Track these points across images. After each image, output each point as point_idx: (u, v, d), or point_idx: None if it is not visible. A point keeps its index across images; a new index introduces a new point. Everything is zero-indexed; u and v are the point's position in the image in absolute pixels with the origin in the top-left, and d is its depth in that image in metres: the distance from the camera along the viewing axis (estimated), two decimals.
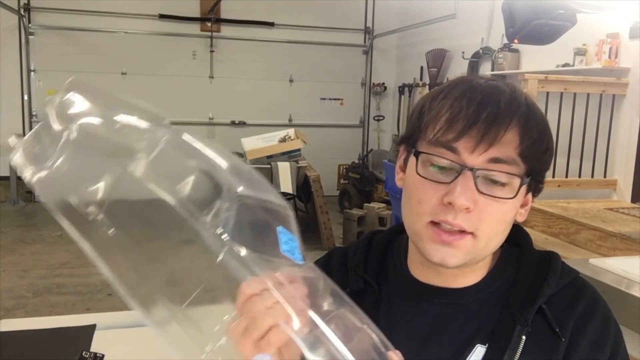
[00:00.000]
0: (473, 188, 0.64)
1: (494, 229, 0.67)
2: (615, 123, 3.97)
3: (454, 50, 6.29)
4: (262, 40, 7.50)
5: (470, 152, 0.65)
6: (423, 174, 0.67)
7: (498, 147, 0.64)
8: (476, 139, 0.64)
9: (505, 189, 0.66)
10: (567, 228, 3.11)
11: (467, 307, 0.73)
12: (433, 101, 0.69)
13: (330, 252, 0.87)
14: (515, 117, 0.65)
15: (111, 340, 1.28)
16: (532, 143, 0.65)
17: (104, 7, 6.86)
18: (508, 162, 0.65)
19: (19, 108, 6.94)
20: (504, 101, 0.65)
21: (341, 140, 7.90)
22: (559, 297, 0.71)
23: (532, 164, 0.66)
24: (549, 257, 0.75)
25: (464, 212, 0.64)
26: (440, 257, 0.67)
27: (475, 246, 0.67)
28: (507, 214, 0.67)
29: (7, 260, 4.63)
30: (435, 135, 0.66)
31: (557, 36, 2.34)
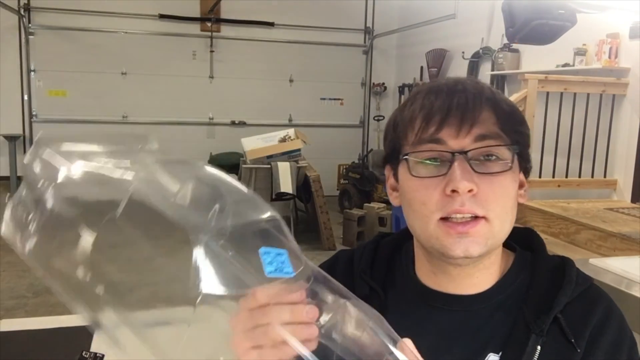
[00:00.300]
0: (470, 170, 0.65)
1: (503, 206, 0.67)
2: (615, 123, 3.97)
3: (454, 50, 6.29)
4: (262, 40, 7.50)
5: (455, 137, 0.66)
6: (418, 174, 0.68)
7: (479, 126, 0.66)
8: (457, 124, 0.66)
9: (499, 163, 0.67)
10: (567, 228, 3.11)
11: (478, 314, 0.71)
12: (403, 110, 0.72)
13: (336, 255, 0.85)
14: (483, 98, 0.67)
15: None
16: (507, 116, 0.67)
17: (104, 7, 6.86)
18: (493, 136, 0.66)
19: (19, 108, 6.94)
20: (469, 87, 0.68)
21: (341, 140, 7.90)
22: (574, 305, 0.69)
23: (515, 136, 0.68)
24: (564, 264, 0.73)
25: (469, 197, 0.64)
26: (462, 249, 0.65)
27: (492, 230, 0.66)
28: (509, 188, 0.67)
29: (7, 260, 4.63)
30: (417, 135, 0.68)
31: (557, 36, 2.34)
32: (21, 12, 6.70)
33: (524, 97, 3.65)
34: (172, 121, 7.30)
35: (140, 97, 7.15)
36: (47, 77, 6.93)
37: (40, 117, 6.99)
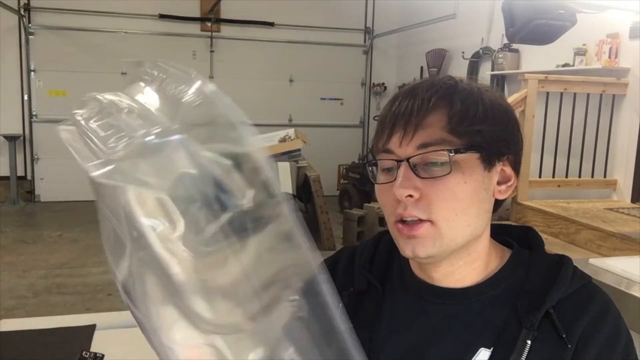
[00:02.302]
0: (412, 176, 0.66)
1: (449, 209, 0.67)
2: (615, 123, 3.97)
3: (454, 50, 6.29)
4: (262, 40, 7.50)
5: (399, 146, 0.68)
6: (377, 180, 0.72)
7: (422, 133, 0.67)
8: (401, 133, 0.68)
9: (443, 167, 0.67)
10: (567, 228, 3.11)
11: (470, 308, 0.72)
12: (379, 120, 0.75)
13: (340, 251, 0.88)
14: (432, 100, 0.67)
15: (111, 340, 1.28)
16: (461, 117, 0.67)
17: (104, 7, 6.86)
18: (435, 143, 0.66)
19: (19, 108, 6.94)
20: (422, 90, 0.69)
21: (341, 140, 7.90)
22: (568, 302, 0.69)
23: (471, 137, 0.67)
24: (561, 261, 0.74)
25: (412, 202, 0.67)
26: (410, 250, 0.68)
27: (439, 232, 0.67)
28: (458, 191, 0.67)
29: (7, 260, 4.63)
30: (375, 145, 0.72)
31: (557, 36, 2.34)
32: (21, 12, 6.70)
33: (524, 97, 3.65)
34: None
35: None
36: (47, 77, 6.93)
37: (40, 117, 6.99)
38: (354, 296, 0.78)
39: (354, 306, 0.77)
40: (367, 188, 6.42)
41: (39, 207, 6.87)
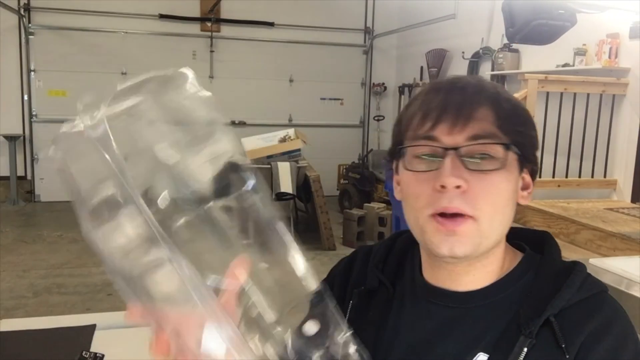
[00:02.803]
0: (460, 166, 0.65)
1: (493, 205, 0.66)
2: (615, 123, 3.97)
3: (454, 50, 6.29)
4: (262, 40, 7.50)
5: (449, 134, 0.66)
6: (412, 168, 0.69)
7: (474, 125, 0.66)
8: (451, 121, 0.66)
9: (493, 162, 0.66)
10: (567, 228, 3.11)
11: (474, 311, 0.71)
12: (408, 107, 0.73)
13: (357, 250, 0.88)
14: (483, 95, 0.67)
15: (111, 340, 1.28)
16: (507, 116, 0.67)
17: (104, 7, 6.86)
18: (488, 136, 0.66)
19: (19, 108, 6.94)
20: (470, 85, 0.69)
21: (341, 140, 7.90)
22: (573, 311, 0.66)
23: (513, 136, 0.67)
24: (572, 268, 0.70)
25: (458, 194, 0.64)
26: (448, 248, 0.66)
27: (479, 229, 0.66)
28: (502, 188, 0.67)
29: (7, 260, 4.63)
30: (414, 131, 0.69)
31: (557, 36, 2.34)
32: (21, 12, 6.70)
33: (524, 97, 3.65)
34: None
35: None
36: (47, 77, 6.93)
37: (40, 117, 6.99)
38: (365, 295, 0.78)
39: (364, 305, 0.78)
40: (367, 188, 6.42)
41: (39, 207, 6.87)
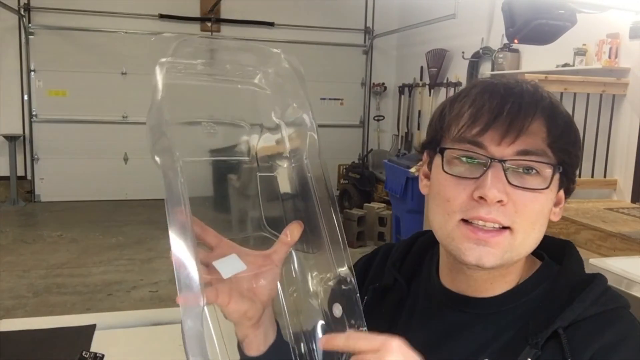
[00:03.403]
0: (504, 180, 0.62)
1: (532, 222, 0.64)
2: (615, 123, 3.97)
3: (454, 50, 6.29)
4: (262, 40, 7.50)
5: (497, 144, 0.63)
6: (450, 171, 0.65)
7: (525, 139, 0.62)
8: (502, 131, 0.62)
9: (537, 180, 0.63)
10: (567, 228, 3.11)
11: (487, 318, 0.70)
12: (454, 102, 0.68)
13: (379, 248, 0.88)
14: (539, 108, 0.63)
15: (111, 340, 1.28)
16: (560, 134, 0.64)
17: (104, 7, 6.86)
18: (537, 153, 0.63)
19: (19, 108, 6.94)
20: (527, 93, 0.64)
21: (341, 140, 7.89)
22: (584, 325, 0.63)
23: (562, 156, 0.64)
24: (589, 281, 0.67)
25: (497, 206, 0.62)
26: (476, 257, 0.64)
27: (513, 242, 0.64)
28: (544, 207, 0.65)
29: (7, 260, 4.63)
30: (460, 132, 0.65)
31: (557, 36, 2.33)
32: (21, 12, 6.70)
33: None
34: None
35: (140, 97, 7.10)
36: (47, 77, 6.93)
37: (40, 117, 6.99)
38: (379, 291, 0.79)
39: (377, 301, 0.78)
40: (367, 188, 6.42)
41: (39, 207, 6.87)
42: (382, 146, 7.90)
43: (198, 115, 0.64)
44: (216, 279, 0.56)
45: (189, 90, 0.62)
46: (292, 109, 0.64)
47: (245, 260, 0.59)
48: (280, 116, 0.65)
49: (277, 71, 0.65)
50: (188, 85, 0.61)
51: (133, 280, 4.30)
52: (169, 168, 0.51)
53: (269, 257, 0.62)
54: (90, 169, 7.01)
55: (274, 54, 0.65)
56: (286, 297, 0.64)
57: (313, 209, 0.61)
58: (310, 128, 0.65)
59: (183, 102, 0.61)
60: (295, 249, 0.63)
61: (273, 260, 0.61)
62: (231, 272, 0.57)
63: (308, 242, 0.63)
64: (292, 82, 0.63)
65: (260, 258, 0.61)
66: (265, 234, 0.66)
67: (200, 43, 0.61)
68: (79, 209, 6.71)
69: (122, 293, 4.06)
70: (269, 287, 0.61)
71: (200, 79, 0.63)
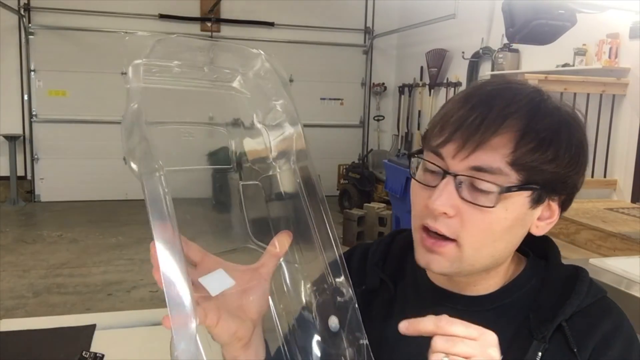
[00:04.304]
0: (453, 193, 0.62)
1: (479, 239, 0.64)
2: (615, 123, 3.97)
3: (454, 50, 6.29)
4: (262, 40, 7.50)
5: (452, 157, 0.63)
6: (417, 178, 0.68)
7: (481, 155, 0.61)
8: (459, 144, 0.62)
9: (489, 198, 0.62)
10: (567, 228, 3.11)
11: (482, 315, 0.70)
12: (438, 111, 0.69)
13: (353, 249, 0.87)
14: (510, 120, 0.61)
15: (111, 340, 1.28)
16: (529, 150, 0.61)
17: (104, 7, 6.86)
18: (490, 171, 0.61)
19: (19, 108, 6.94)
20: (502, 103, 0.62)
21: (341, 140, 7.90)
22: (582, 316, 0.67)
23: (530, 174, 0.62)
24: (577, 274, 0.71)
25: (443, 217, 0.63)
26: (425, 262, 0.67)
27: (461, 255, 0.64)
28: (493, 224, 0.63)
29: (7, 260, 4.63)
30: (429, 140, 0.67)
31: (557, 36, 2.33)
32: (21, 12, 6.70)
33: None
34: (173, 121, 7.28)
35: None
36: (47, 77, 6.93)
37: (40, 117, 6.99)
38: (366, 294, 0.77)
39: (365, 305, 0.76)
40: (367, 188, 6.42)
41: (39, 207, 6.87)
42: (382, 146, 7.90)
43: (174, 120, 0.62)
44: (202, 297, 0.52)
45: (164, 94, 0.59)
46: (274, 112, 0.61)
47: (232, 276, 0.55)
48: (262, 120, 0.62)
49: (258, 73, 0.62)
50: (163, 89, 0.58)
51: (133, 280, 4.30)
52: (150, 177, 0.48)
53: (257, 271, 0.58)
54: (90, 169, 7.01)
55: (254, 55, 0.63)
56: (278, 312, 0.60)
57: (303, 216, 0.58)
58: (296, 130, 0.60)
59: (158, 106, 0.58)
60: (286, 261, 0.60)
61: (261, 274, 0.58)
62: (219, 289, 0.53)
63: (299, 252, 0.60)
64: (274, 84, 0.61)
65: (247, 272, 0.57)
66: (252, 247, 0.62)
67: (178, 44, 0.59)
68: (79, 209, 6.71)
69: (122, 293, 4.06)
70: (258, 303, 0.57)
71: (177, 82, 0.59)
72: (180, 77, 0.59)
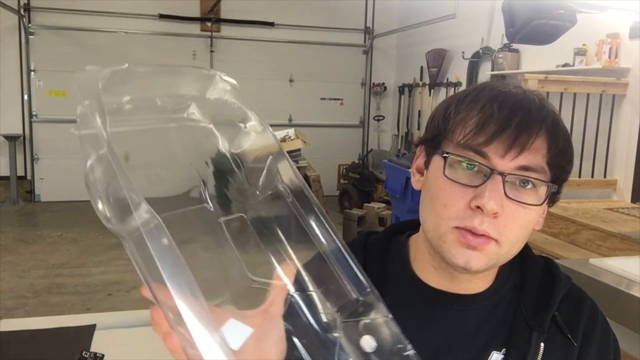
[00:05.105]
0: (502, 193, 0.63)
1: (517, 236, 0.66)
2: (615, 123, 3.97)
3: (454, 50, 6.29)
4: (262, 40, 7.50)
5: (501, 157, 0.64)
6: (450, 176, 0.66)
7: (527, 155, 0.64)
8: (507, 144, 0.63)
9: (532, 196, 0.65)
10: (567, 228, 3.11)
11: (476, 313, 0.72)
12: (460, 104, 0.68)
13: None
14: (544, 124, 0.64)
15: (111, 340, 1.28)
16: (558, 152, 0.65)
17: (104, 7, 6.86)
18: (537, 170, 0.64)
19: (19, 108, 6.94)
20: (535, 108, 0.65)
21: (341, 140, 7.90)
22: (565, 303, 0.73)
23: (557, 173, 0.66)
24: (549, 264, 0.77)
25: (491, 218, 0.63)
26: (465, 260, 0.65)
27: (499, 252, 0.66)
28: (531, 222, 0.67)
29: (7, 260, 4.63)
30: (465, 138, 0.65)
31: (557, 36, 2.33)
32: (21, 12, 6.70)
33: None
34: None
35: None
36: (47, 77, 6.93)
37: (40, 117, 6.99)
38: None
39: None
40: (367, 188, 6.42)
41: (39, 207, 6.87)
42: (382, 146, 7.90)
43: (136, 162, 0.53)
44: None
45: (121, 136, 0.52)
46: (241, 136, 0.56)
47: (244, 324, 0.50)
48: (229, 147, 0.57)
49: (216, 96, 0.58)
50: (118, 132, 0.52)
51: (133, 280, 4.29)
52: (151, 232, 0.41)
53: (268, 312, 0.52)
54: None
55: (209, 76, 0.59)
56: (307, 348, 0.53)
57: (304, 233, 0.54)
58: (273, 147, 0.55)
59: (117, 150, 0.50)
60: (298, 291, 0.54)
61: (273, 314, 0.52)
62: (240, 341, 0.47)
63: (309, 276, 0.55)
64: (235, 105, 0.57)
65: (258, 316, 0.51)
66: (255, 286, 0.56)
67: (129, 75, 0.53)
68: (79, 209, 6.70)
69: (122, 293, 4.06)
70: (277, 347, 0.51)
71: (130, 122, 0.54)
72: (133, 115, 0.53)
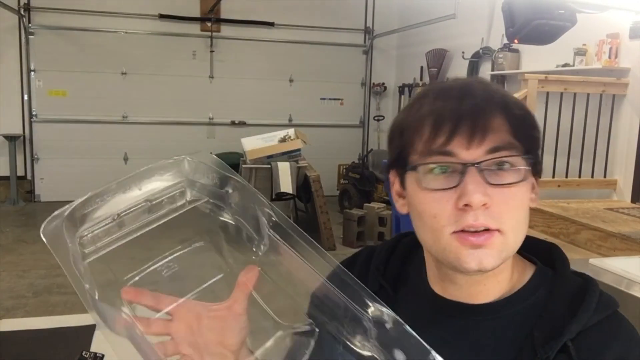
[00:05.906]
0: (483, 182, 0.61)
1: (516, 218, 0.64)
2: (615, 123, 3.97)
3: (454, 50, 6.29)
4: (262, 40, 7.50)
5: (467, 149, 0.62)
6: (429, 186, 0.64)
7: (491, 136, 0.62)
8: (467, 134, 0.62)
9: (514, 174, 0.63)
10: (567, 228, 3.11)
11: (484, 325, 0.68)
12: (408, 115, 0.67)
13: (360, 251, 0.85)
14: (494, 102, 0.63)
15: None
16: (519, 121, 0.63)
17: (104, 7, 6.86)
18: (506, 147, 0.62)
19: (19, 108, 6.93)
20: (479, 91, 0.64)
21: (341, 140, 7.90)
22: (590, 334, 0.63)
23: (527, 142, 0.64)
24: (587, 287, 0.67)
25: (482, 210, 0.61)
26: (477, 262, 0.62)
27: (505, 242, 0.63)
28: (523, 200, 0.64)
29: (7, 260, 4.63)
30: (427, 145, 0.64)
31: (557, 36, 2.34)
32: (21, 12, 6.70)
33: (524, 97, 3.65)
34: (172, 121, 7.29)
35: (140, 97, 7.15)
36: (47, 77, 6.93)
37: (40, 117, 6.99)
38: None
39: None
40: (367, 188, 6.42)
41: (39, 207, 6.87)
42: (382, 146, 7.90)
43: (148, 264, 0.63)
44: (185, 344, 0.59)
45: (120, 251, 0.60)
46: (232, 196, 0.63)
47: (208, 314, 0.61)
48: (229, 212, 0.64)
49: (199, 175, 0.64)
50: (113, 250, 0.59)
51: None
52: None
53: (231, 308, 0.62)
54: (90, 169, 7.00)
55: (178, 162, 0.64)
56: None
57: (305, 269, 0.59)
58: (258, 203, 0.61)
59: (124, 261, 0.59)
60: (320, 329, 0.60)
61: (235, 310, 0.62)
62: None
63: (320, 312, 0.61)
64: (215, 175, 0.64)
65: (222, 310, 0.62)
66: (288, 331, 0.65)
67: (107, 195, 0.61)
68: None
69: None
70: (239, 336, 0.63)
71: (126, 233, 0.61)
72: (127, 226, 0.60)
